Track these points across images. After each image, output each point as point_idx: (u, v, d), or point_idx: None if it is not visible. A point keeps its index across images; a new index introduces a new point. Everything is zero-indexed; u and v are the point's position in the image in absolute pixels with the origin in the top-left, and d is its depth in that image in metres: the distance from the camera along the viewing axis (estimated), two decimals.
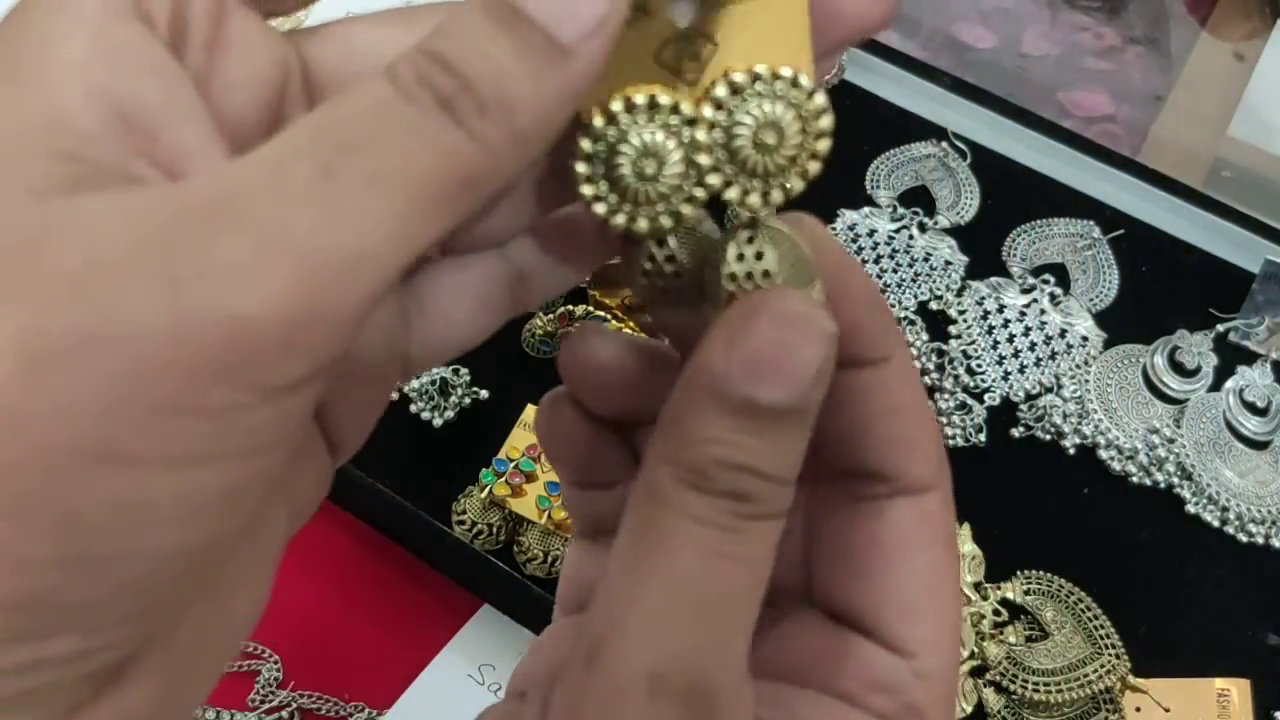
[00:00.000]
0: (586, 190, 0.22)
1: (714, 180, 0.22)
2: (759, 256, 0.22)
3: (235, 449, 0.18)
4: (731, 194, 0.22)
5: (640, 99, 0.22)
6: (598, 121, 0.22)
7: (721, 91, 0.22)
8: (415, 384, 0.65)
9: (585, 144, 0.22)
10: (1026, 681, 0.57)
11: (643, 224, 0.23)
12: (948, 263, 0.72)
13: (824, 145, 0.23)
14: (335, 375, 0.20)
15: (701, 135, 0.22)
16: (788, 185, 0.23)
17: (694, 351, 0.22)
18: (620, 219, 0.22)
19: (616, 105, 0.22)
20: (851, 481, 0.26)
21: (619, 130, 0.22)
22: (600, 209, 0.22)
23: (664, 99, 0.22)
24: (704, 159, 0.22)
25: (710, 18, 0.22)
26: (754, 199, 0.22)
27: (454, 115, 0.19)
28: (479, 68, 0.19)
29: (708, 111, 0.22)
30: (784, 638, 0.26)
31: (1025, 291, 0.71)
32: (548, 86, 0.19)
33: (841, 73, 0.77)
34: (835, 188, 0.75)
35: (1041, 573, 0.61)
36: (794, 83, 0.22)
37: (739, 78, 0.22)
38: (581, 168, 0.22)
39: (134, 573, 0.18)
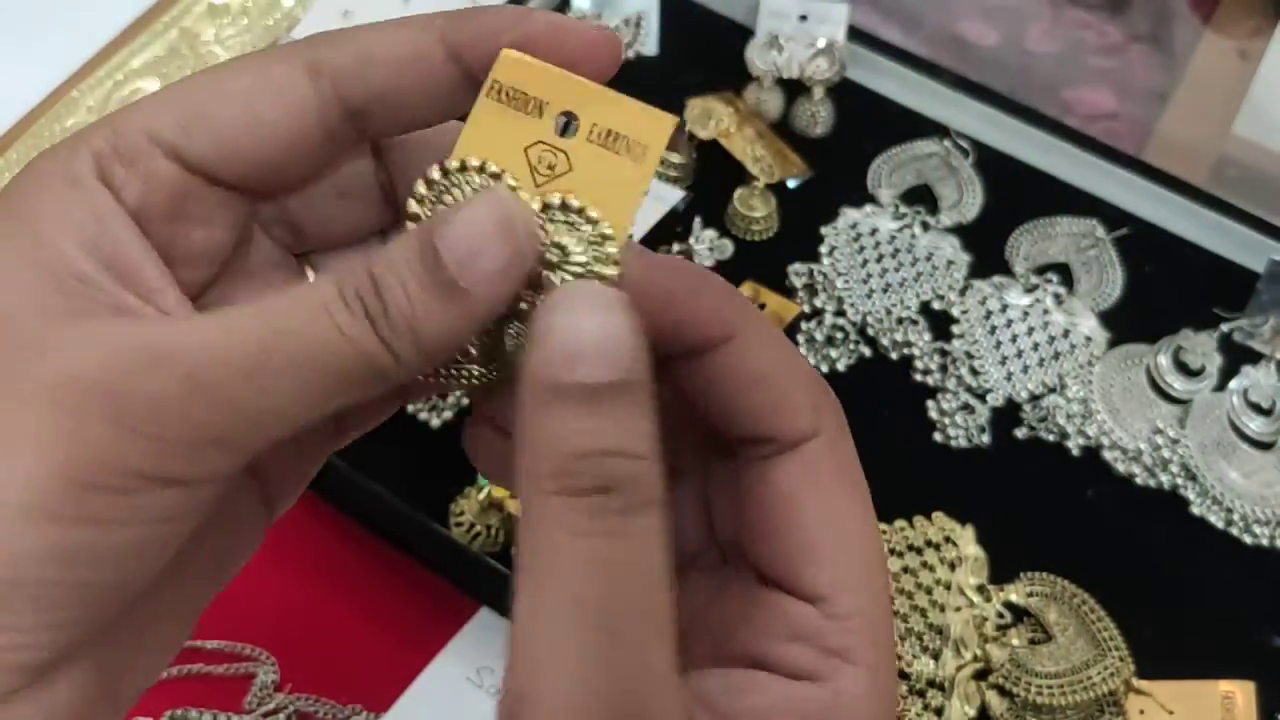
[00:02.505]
0: (412, 207, 0.26)
1: None
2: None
3: (146, 518, 0.24)
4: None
5: (475, 161, 0.26)
6: (435, 174, 0.26)
7: (552, 200, 0.26)
8: None
9: (420, 187, 0.26)
10: (1030, 684, 0.57)
11: None
12: (950, 262, 0.72)
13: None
14: (267, 453, 0.26)
15: None
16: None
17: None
18: None
19: (453, 163, 0.26)
20: (743, 450, 0.28)
21: (451, 182, 0.26)
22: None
23: (493, 168, 0.26)
24: None
25: (573, 144, 0.26)
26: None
27: (375, 328, 0.24)
28: (398, 295, 0.24)
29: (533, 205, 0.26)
30: (722, 607, 0.28)
31: (1028, 291, 0.71)
32: (449, 317, 0.24)
33: (843, 70, 0.76)
34: (837, 186, 0.75)
35: (1045, 575, 0.61)
36: (601, 234, 0.26)
37: (563, 199, 0.26)
38: (412, 206, 0.26)
39: (55, 598, 0.23)
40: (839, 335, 0.69)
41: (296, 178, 0.28)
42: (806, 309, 0.70)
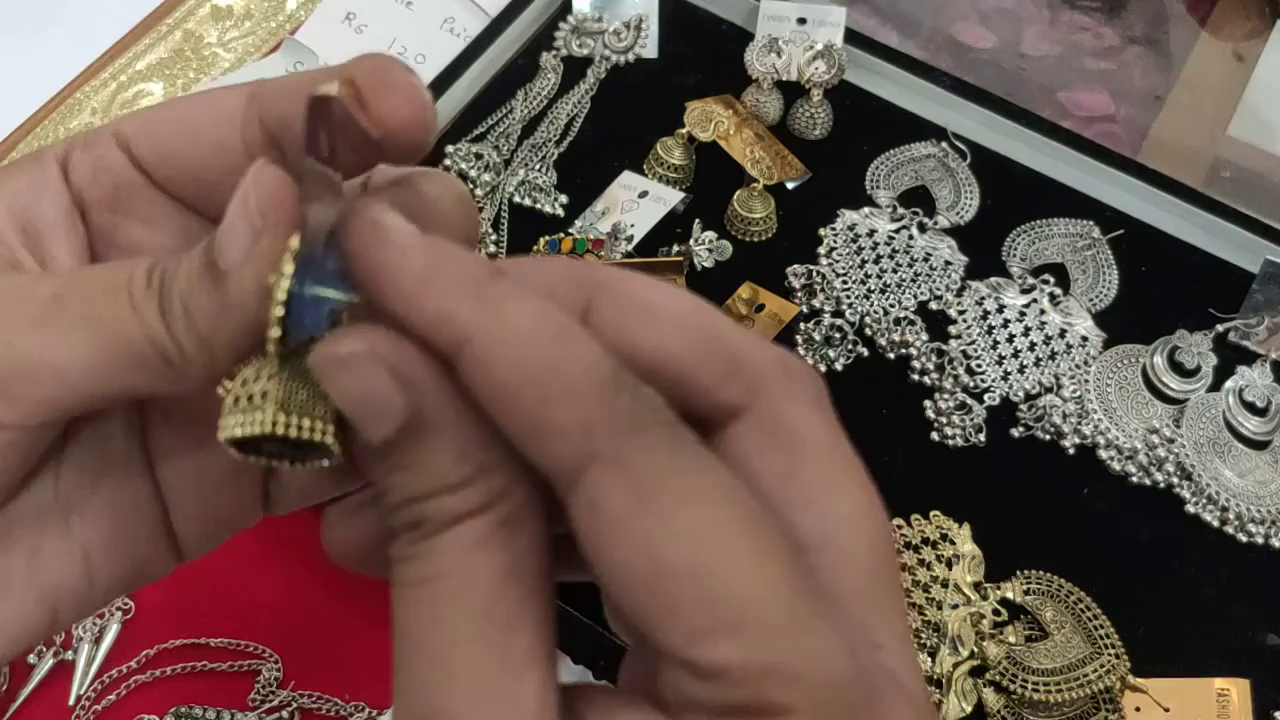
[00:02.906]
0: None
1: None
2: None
3: None
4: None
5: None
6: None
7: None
8: None
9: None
10: (1026, 681, 0.57)
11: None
12: (947, 263, 0.72)
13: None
14: (189, 497, 0.28)
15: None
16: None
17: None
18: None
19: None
20: None
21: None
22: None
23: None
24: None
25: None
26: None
27: (161, 308, 0.25)
28: (179, 278, 0.25)
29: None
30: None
31: (1025, 291, 0.71)
32: (214, 300, 0.24)
33: (841, 72, 0.77)
34: (835, 188, 0.75)
35: (1041, 572, 0.61)
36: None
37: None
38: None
39: None
40: (837, 335, 0.70)
41: (221, 192, 0.27)
42: (805, 309, 0.70)
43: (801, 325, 0.70)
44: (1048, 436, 0.66)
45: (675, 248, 0.71)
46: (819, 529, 0.23)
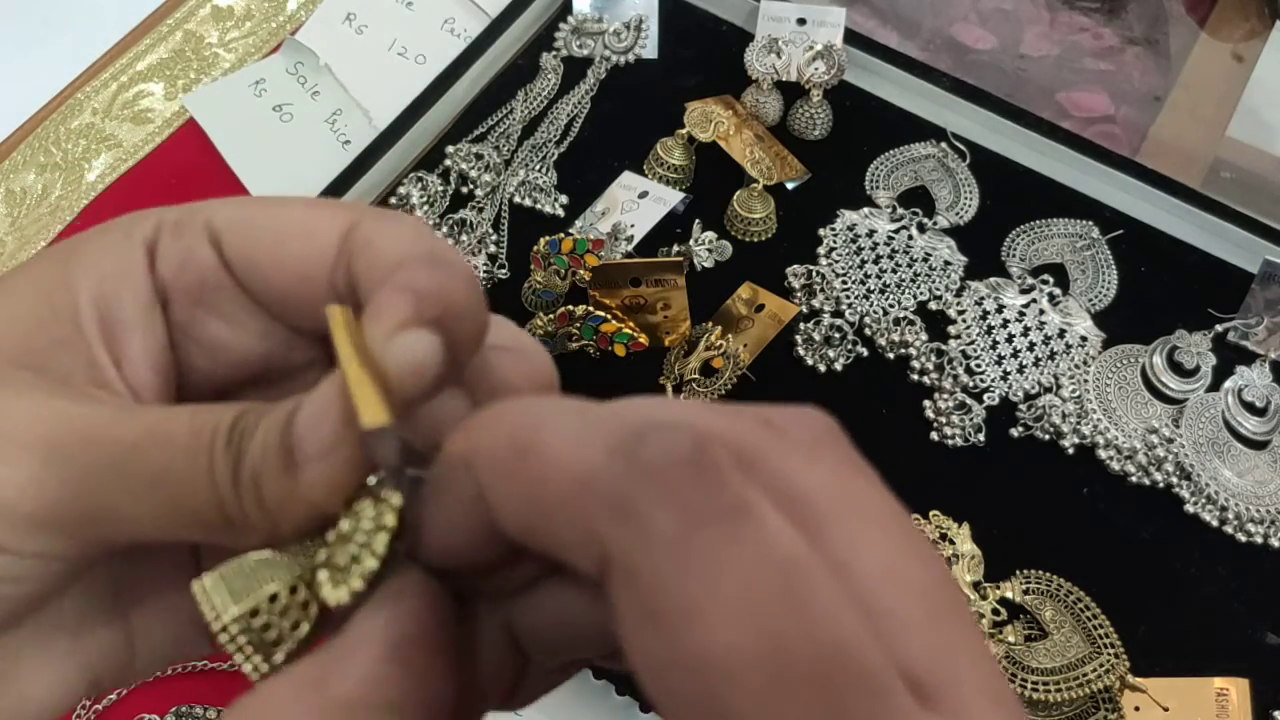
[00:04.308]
0: None
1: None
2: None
3: None
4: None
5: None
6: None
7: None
8: None
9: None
10: (1026, 681, 0.57)
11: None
12: (947, 263, 0.73)
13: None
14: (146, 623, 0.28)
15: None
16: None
17: None
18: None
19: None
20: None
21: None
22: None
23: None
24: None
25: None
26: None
27: (234, 472, 0.24)
28: (254, 449, 0.24)
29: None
30: None
31: (1024, 291, 0.71)
32: (283, 485, 0.24)
33: (841, 73, 0.77)
34: (835, 188, 0.76)
35: (1040, 572, 0.61)
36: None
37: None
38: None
39: None
40: (836, 335, 0.70)
41: (303, 313, 0.28)
42: (805, 309, 0.70)
43: (801, 325, 0.70)
44: (1047, 436, 0.66)
45: (675, 248, 0.72)
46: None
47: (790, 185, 0.75)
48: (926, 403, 0.67)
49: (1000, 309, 0.71)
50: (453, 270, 0.25)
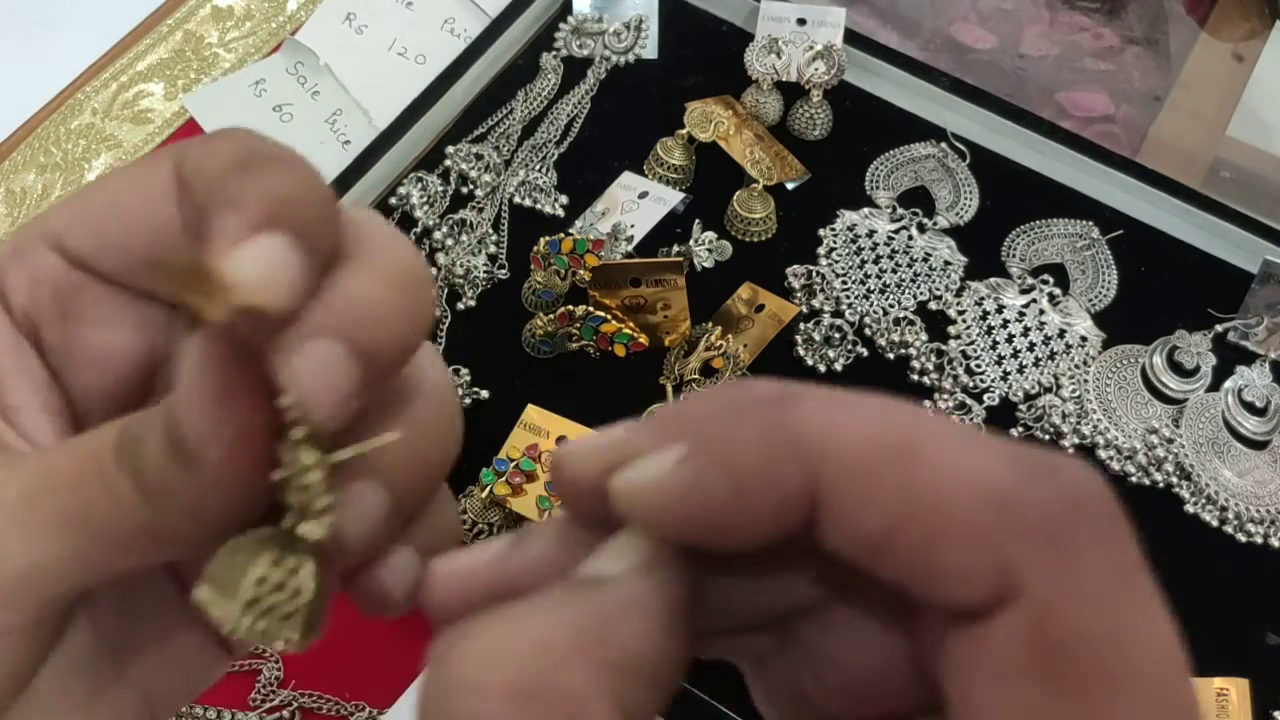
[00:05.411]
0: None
1: None
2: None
3: None
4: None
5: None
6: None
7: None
8: None
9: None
10: None
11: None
12: (947, 263, 0.73)
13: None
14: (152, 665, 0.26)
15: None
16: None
17: None
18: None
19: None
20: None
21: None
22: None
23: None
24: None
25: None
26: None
27: (139, 488, 0.22)
28: (147, 457, 0.22)
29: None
30: None
31: (1024, 292, 0.71)
32: (190, 480, 0.22)
33: (841, 73, 0.77)
34: (835, 188, 0.76)
35: None
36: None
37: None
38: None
39: None
40: (836, 335, 0.70)
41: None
42: (804, 309, 0.70)
43: (801, 325, 0.70)
44: (1047, 436, 0.67)
45: (675, 248, 0.72)
46: None
47: (790, 185, 0.75)
48: (927, 403, 0.67)
49: (1000, 309, 0.71)
50: (279, 166, 0.22)
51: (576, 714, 0.18)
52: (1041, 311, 0.71)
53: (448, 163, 0.75)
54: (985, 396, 0.68)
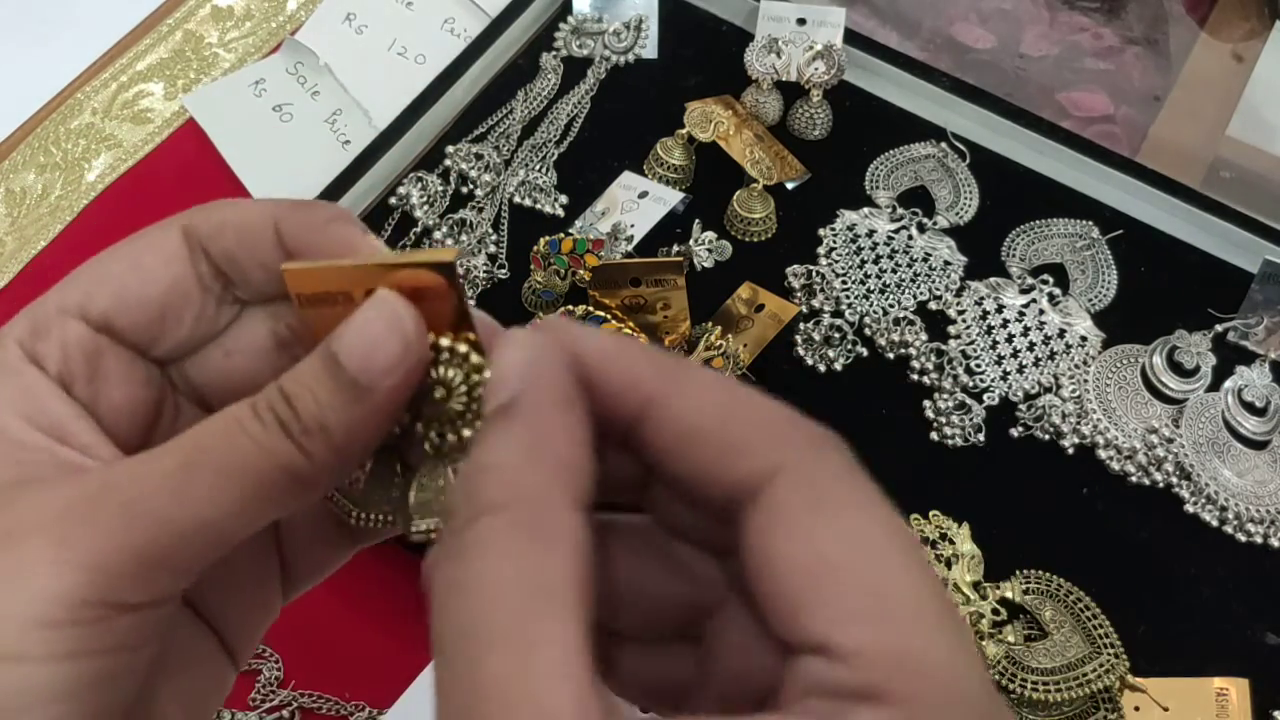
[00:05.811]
0: None
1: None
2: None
3: (102, 647, 0.25)
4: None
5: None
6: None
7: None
8: None
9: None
10: (1025, 681, 0.57)
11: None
12: (947, 263, 0.73)
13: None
14: (219, 605, 0.31)
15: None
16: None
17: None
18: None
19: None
20: (726, 516, 0.26)
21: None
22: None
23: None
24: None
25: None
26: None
27: (288, 433, 0.26)
28: (306, 400, 0.26)
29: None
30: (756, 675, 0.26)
31: (1024, 291, 0.71)
32: (355, 414, 0.27)
33: (841, 73, 0.77)
34: (835, 188, 0.76)
35: (1040, 572, 0.61)
36: (474, 365, 0.28)
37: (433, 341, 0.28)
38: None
39: None
40: (836, 335, 0.70)
41: (185, 334, 0.30)
42: (804, 309, 0.70)
43: (801, 325, 0.70)
44: (1047, 436, 0.67)
45: (675, 248, 0.72)
46: (824, 622, 0.23)
47: (790, 185, 0.75)
48: (926, 403, 0.67)
49: (1000, 309, 0.71)
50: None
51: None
52: (1041, 311, 0.71)
53: (447, 162, 0.75)
54: (985, 396, 0.68)
